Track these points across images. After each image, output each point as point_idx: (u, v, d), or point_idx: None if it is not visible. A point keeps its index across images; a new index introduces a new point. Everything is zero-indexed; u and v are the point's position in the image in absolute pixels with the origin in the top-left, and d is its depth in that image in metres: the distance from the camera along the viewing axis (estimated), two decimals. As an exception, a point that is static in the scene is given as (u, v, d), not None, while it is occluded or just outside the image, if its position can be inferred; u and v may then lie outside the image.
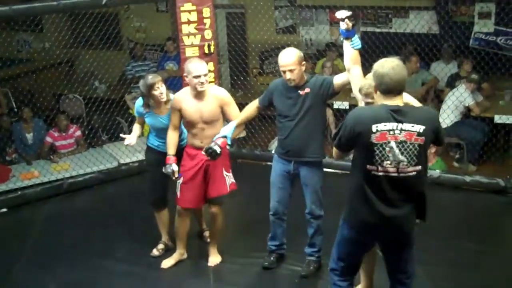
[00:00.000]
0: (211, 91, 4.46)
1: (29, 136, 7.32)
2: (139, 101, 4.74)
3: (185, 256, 4.84)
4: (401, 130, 3.10)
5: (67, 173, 6.61)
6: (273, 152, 6.76)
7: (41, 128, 7.40)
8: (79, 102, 8.24)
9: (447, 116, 6.82)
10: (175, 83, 7.23)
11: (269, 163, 6.81)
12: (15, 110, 8.38)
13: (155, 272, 4.70)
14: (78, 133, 7.31)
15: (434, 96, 7.66)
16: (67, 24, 8.48)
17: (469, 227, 5.35)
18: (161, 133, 4.68)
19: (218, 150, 4.26)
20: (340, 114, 7.33)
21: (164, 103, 4.62)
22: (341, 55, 8.32)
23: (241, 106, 7.61)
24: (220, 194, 4.57)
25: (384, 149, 3.10)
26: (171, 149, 4.57)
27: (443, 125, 6.83)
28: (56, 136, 7.20)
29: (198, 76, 4.29)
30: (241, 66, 7.67)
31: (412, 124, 3.11)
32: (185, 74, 4.43)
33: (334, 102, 7.53)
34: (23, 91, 8.89)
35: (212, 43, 6.36)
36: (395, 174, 3.13)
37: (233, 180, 4.65)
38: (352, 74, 3.89)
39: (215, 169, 4.49)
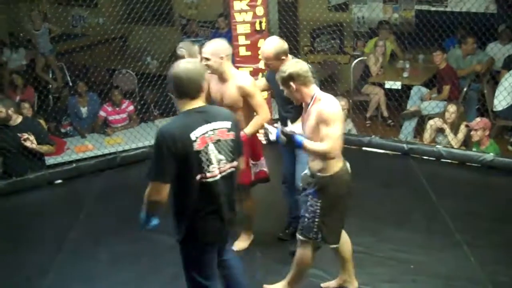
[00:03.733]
0: (236, 78, 4.22)
1: (84, 109, 7.50)
2: None
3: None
4: (214, 129, 3.10)
5: (120, 147, 6.76)
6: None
7: (95, 102, 7.58)
8: (132, 77, 8.38)
9: (503, 98, 6.63)
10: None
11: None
12: (70, 84, 8.59)
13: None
14: (131, 108, 7.46)
15: (490, 78, 7.45)
16: (121, 0, 8.59)
17: (521, 212, 5.22)
18: None
19: None
20: (392, 94, 7.23)
21: None
22: (394, 34, 8.28)
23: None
24: (242, 183, 4.27)
25: (207, 153, 3.08)
26: None
27: (499, 108, 6.68)
28: (110, 111, 7.36)
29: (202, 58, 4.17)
30: (291, 44, 7.59)
31: (221, 121, 3.13)
32: None
33: (386, 82, 7.44)
34: (78, 65, 9.10)
35: (264, 20, 6.34)
36: (220, 175, 3.14)
37: (263, 168, 4.49)
38: None
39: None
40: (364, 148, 6.60)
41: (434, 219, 5.01)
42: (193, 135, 3.03)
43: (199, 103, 3.12)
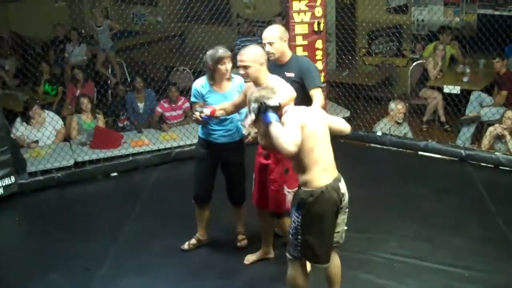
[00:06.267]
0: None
1: (141, 105, 7.64)
2: (199, 82, 4.46)
3: (272, 255, 4.56)
4: None
5: (175, 142, 6.87)
6: (378, 133, 6.69)
7: (153, 98, 7.70)
8: (188, 75, 8.48)
9: None
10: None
11: (372, 144, 6.78)
12: (129, 80, 8.76)
13: (254, 244, 4.73)
14: (187, 104, 7.54)
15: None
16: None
17: None
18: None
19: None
20: (451, 99, 7.07)
21: (226, 80, 4.39)
22: (456, 38, 8.10)
23: (347, 86, 7.52)
24: (276, 211, 4.21)
25: None
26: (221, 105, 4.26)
27: None
28: (166, 107, 7.47)
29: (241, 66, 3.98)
30: (349, 45, 7.56)
31: None
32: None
33: (445, 86, 7.29)
34: (137, 62, 9.27)
35: (322, 21, 6.30)
36: None
37: None
38: None
39: (272, 183, 4.11)
40: (420, 153, 6.50)
41: (491, 228, 4.89)
42: None
43: None
